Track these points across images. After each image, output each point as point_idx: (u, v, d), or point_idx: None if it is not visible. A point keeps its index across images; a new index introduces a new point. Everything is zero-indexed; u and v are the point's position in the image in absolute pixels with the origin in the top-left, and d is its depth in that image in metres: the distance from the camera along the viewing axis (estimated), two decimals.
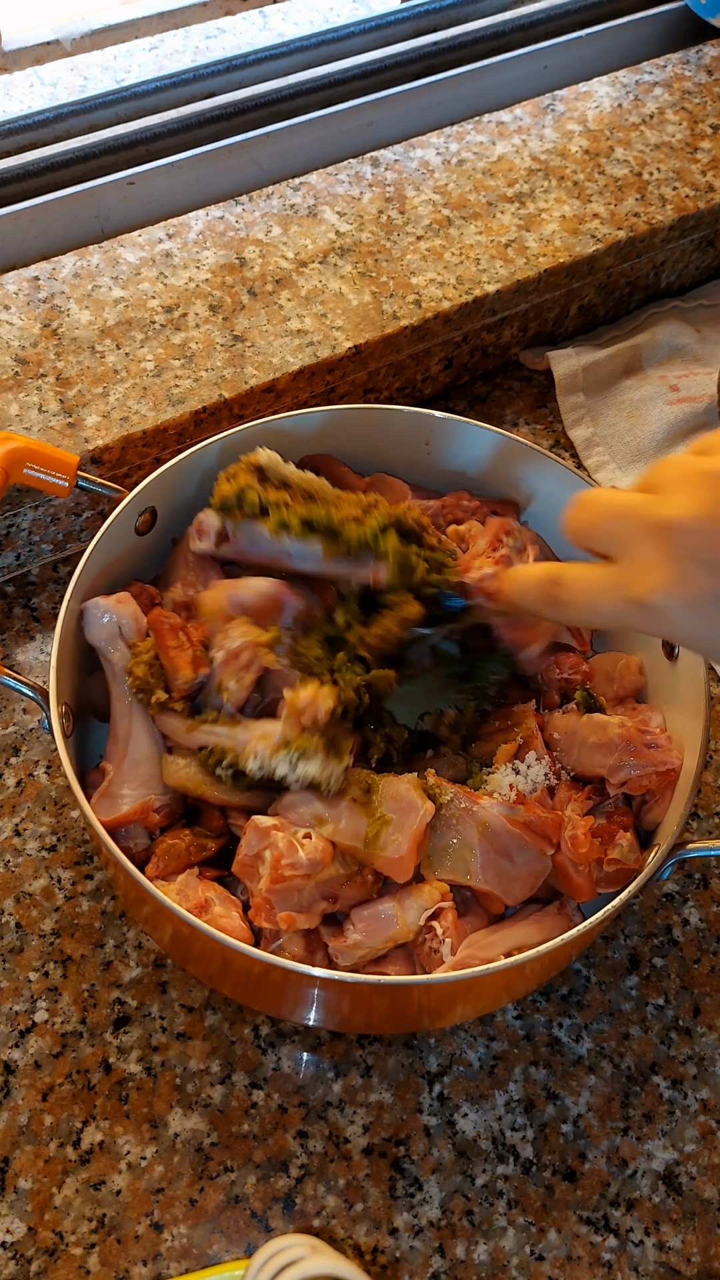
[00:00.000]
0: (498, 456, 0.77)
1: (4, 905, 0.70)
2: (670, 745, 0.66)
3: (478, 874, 0.62)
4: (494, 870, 0.62)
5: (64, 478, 0.70)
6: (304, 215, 0.94)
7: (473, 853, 0.62)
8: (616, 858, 0.63)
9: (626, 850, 0.64)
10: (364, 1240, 0.61)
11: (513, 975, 0.60)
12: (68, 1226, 0.61)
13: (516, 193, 0.97)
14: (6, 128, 0.96)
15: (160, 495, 0.72)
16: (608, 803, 0.67)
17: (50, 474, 0.70)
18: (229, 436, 0.73)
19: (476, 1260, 0.61)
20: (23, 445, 0.69)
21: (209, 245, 0.91)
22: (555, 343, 1.00)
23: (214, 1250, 0.61)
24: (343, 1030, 0.66)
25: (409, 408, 0.77)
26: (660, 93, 1.07)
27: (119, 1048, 0.66)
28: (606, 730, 0.66)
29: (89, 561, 0.67)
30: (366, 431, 0.78)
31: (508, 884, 0.62)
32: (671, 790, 0.65)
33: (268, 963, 0.55)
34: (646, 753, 0.65)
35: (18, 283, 0.88)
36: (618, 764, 0.65)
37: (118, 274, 0.89)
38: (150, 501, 0.71)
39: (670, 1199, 0.63)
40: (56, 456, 0.70)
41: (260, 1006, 0.66)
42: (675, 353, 1.00)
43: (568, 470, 0.75)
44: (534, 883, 0.63)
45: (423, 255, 0.92)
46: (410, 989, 0.59)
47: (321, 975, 0.56)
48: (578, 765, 0.67)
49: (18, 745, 0.76)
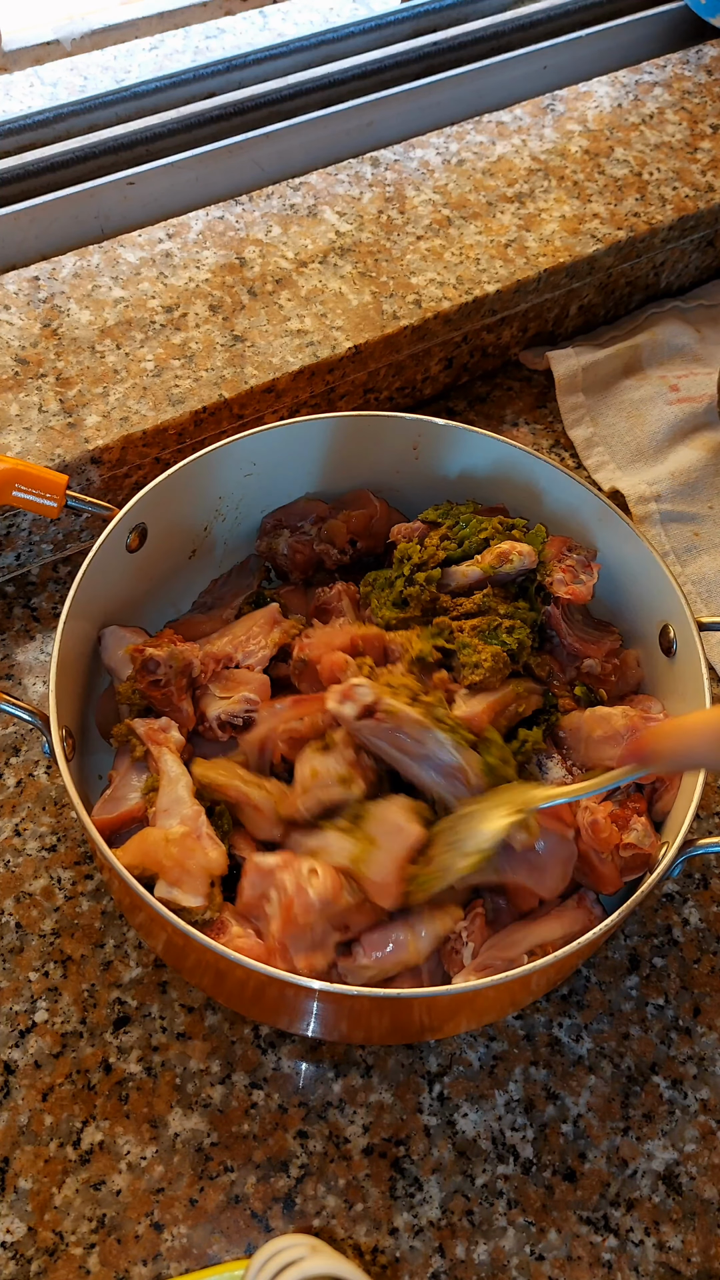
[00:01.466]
0: (488, 461, 0.77)
1: (4, 905, 0.70)
2: None
3: (504, 868, 0.62)
4: (520, 860, 0.62)
5: (53, 498, 0.70)
6: (304, 215, 0.94)
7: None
8: (633, 842, 0.64)
9: (642, 834, 0.64)
10: (364, 1240, 0.61)
11: (529, 980, 0.59)
12: (68, 1226, 0.61)
13: (516, 193, 0.97)
14: (6, 128, 0.96)
15: (149, 512, 0.72)
16: (619, 792, 0.67)
17: (39, 495, 0.69)
18: (213, 451, 0.73)
19: (476, 1260, 0.61)
20: (10, 467, 0.68)
21: (209, 245, 0.91)
22: (555, 343, 1.00)
23: (214, 1250, 0.61)
24: (344, 1041, 0.66)
25: (394, 414, 0.77)
26: (660, 93, 1.07)
27: (119, 1048, 0.66)
28: (611, 722, 0.67)
29: (83, 581, 0.67)
30: (351, 439, 0.77)
31: (538, 875, 0.62)
32: (678, 778, 0.65)
33: (267, 975, 0.55)
34: None
35: (18, 283, 0.88)
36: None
37: (118, 274, 0.89)
38: (140, 519, 0.71)
39: (670, 1199, 0.63)
40: (44, 477, 0.69)
41: (258, 1017, 0.66)
42: (675, 353, 1.00)
43: (566, 474, 0.75)
44: (565, 870, 0.63)
45: (423, 255, 0.92)
46: (410, 1003, 0.59)
47: (320, 988, 0.55)
48: (587, 759, 0.68)
49: (18, 745, 0.76)
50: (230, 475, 0.76)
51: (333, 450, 0.78)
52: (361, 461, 0.79)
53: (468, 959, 0.60)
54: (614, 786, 0.59)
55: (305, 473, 0.79)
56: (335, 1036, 0.65)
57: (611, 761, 0.66)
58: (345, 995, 0.56)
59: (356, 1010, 0.60)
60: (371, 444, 0.78)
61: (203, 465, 0.73)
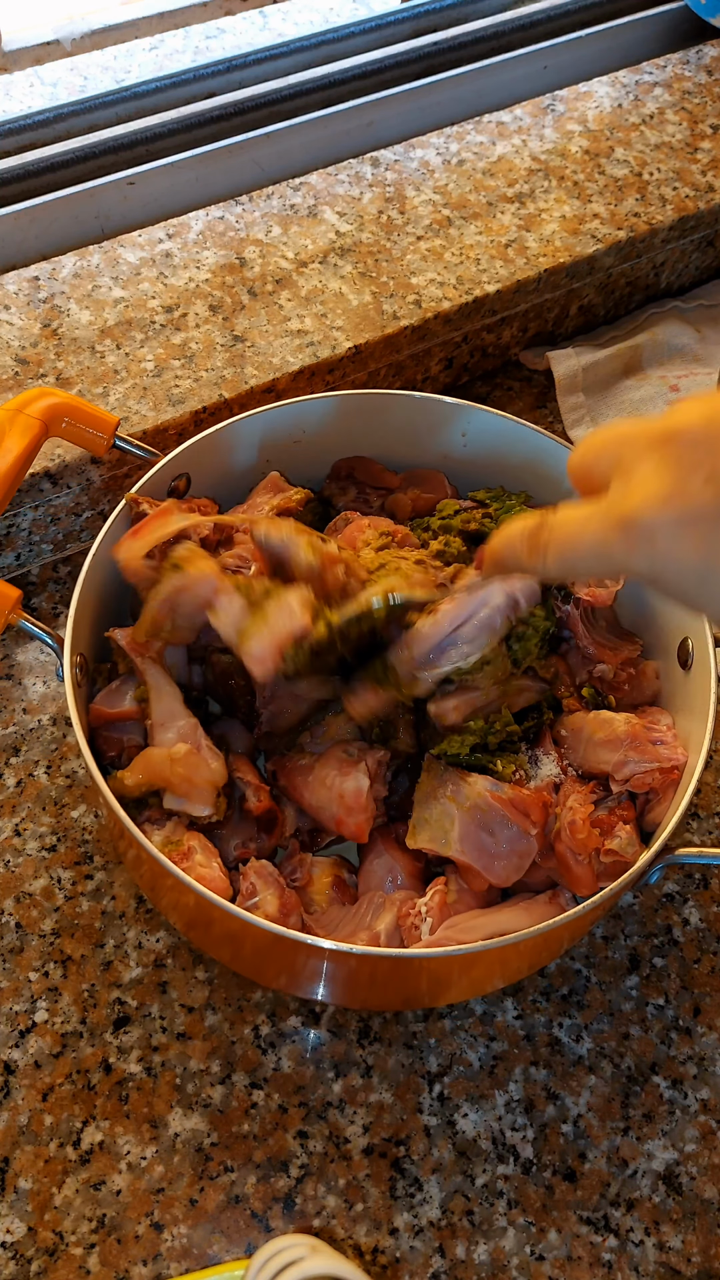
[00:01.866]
0: (525, 453, 0.77)
1: (4, 905, 0.70)
2: (676, 743, 0.66)
3: (455, 844, 0.62)
4: (473, 843, 0.63)
5: (103, 435, 0.72)
6: (304, 215, 0.94)
7: (452, 823, 0.63)
8: (614, 849, 0.63)
9: (625, 843, 0.64)
10: (364, 1240, 0.61)
11: (492, 957, 0.60)
12: (68, 1226, 0.61)
13: (516, 193, 0.97)
14: (6, 128, 0.96)
15: (193, 463, 0.73)
16: (611, 798, 0.67)
17: (89, 430, 0.71)
18: (265, 411, 0.74)
19: (477, 1260, 0.61)
20: (62, 400, 0.71)
21: (209, 245, 0.91)
22: (555, 343, 1.00)
23: (214, 1250, 0.61)
24: (333, 1002, 0.66)
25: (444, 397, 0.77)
26: (660, 93, 1.07)
27: (119, 1048, 0.66)
28: (613, 726, 0.67)
29: (116, 520, 0.69)
30: (399, 418, 0.78)
31: (488, 860, 0.63)
32: (674, 790, 0.65)
33: (243, 919, 0.56)
34: (651, 749, 0.65)
35: (18, 283, 0.88)
36: (623, 760, 0.66)
37: (118, 274, 0.89)
38: (184, 469, 0.73)
39: (670, 1199, 0.63)
40: (96, 414, 0.72)
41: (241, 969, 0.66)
42: (675, 353, 1.00)
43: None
44: (520, 864, 0.63)
45: (423, 255, 0.92)
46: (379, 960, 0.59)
47: (294, 937, 0.56)
48: (584, 762, 0.67)
49: (18, 745, 0.76)
50: (278, 441, 0.77)
51: (381, 427, 0.78)
52: (407, 442, 0.79)
53: (425, 934, 0.61)
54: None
55: (352, 447, 0.79)
56: (309, 992, 0.65)
57: (608, 766, 0.66)
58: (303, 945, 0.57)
59: (348, 973, 0.61)
60: (419, 426, 0.79)
61: (251, 425, 0.75)
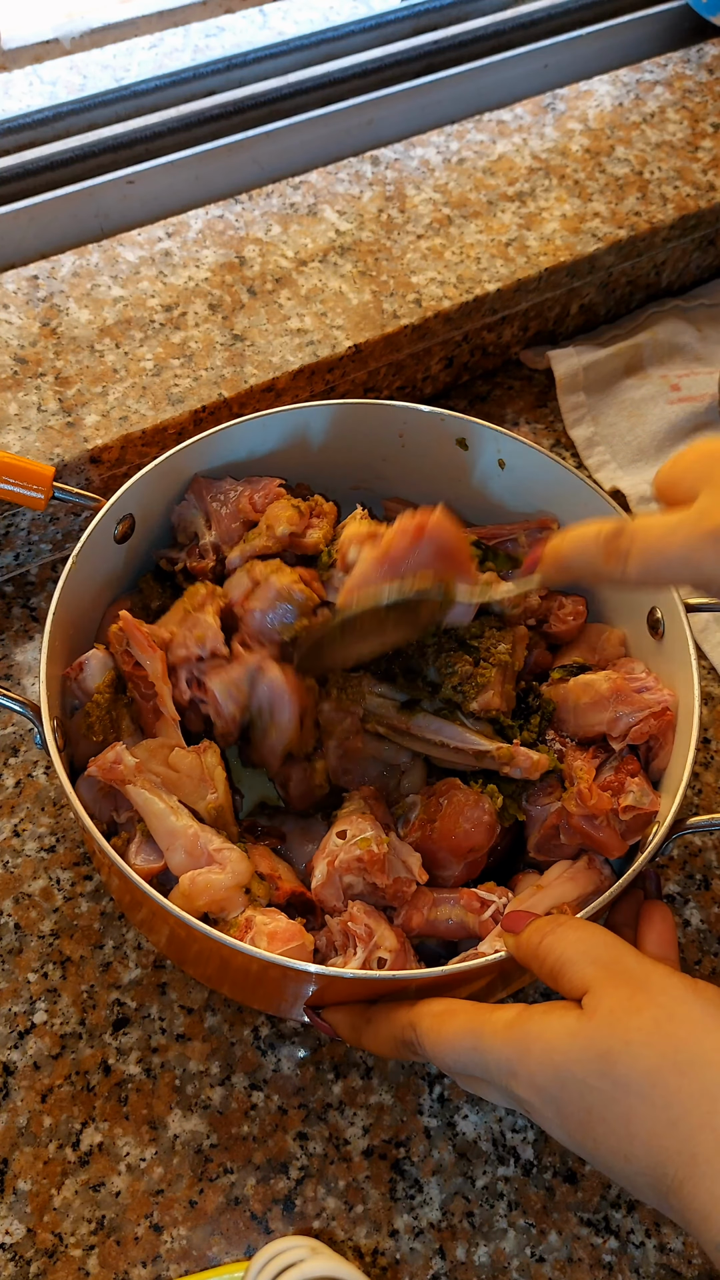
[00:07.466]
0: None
1: (3, 906, 0.70)
2: (659, 685, 0.66)
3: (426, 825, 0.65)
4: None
5: (39, 490, 0.70)
6: (304, 214, 0.94)
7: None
8: (631, 804, 0.63)
9: (639, 795, 0.63)
10: (364, 1242, 0.61)
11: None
12: (67, 1228, 0.61)
13: (517, 191, 0.97)
14: (6, 127, 0.95)
15: (137, 503, 0.72)
16: (614, 757, 0.67)
17: (23, 486, 0.69)
18: (196, 442, 0.73)
19: (477, 1262, 0.61)
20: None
21: (208, 244, 0.91)
22: (556, 342, 1.00)
23: (214, 1252, 0.60)
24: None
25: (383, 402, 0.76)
26: (661, 91, 1.07)
27: (118, 1049, 0.66)
28: (596, 687, 0.67)
29: (70, 574, 0.67)
30: (342, 430, 0.77)
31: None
32: (672, 732, 0.65)
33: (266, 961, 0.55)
34: (637, 697, 0.65)
35: (17, 282, 0.88)
36: (614, 716, 0.66)
37: (117, 273, 0.89)
38: (128, 509, 0.71)
39: None
40: (29, 469, 0.69)
41: (260, 1005, 0.66)
42: (676, 352, 0.99)
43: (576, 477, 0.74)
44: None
45: (423, 254, 0.92)
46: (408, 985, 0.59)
47: (316, 971, 0.55)
48: (578, 730, 0.68)
49: (17, 745, 0.76)
50: (218, 466, 0.76)
51: (326, 440, 0.77)
52: (350, 453, 0.78)
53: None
54: (514, 594, 0.66)
55: (295, 463, 0.78)
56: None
57: (602, 726, 0.66)
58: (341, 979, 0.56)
59: (355, 991, 0.60)
60: (362, 434, 0.77)
61: (190, 455, 0.73)
